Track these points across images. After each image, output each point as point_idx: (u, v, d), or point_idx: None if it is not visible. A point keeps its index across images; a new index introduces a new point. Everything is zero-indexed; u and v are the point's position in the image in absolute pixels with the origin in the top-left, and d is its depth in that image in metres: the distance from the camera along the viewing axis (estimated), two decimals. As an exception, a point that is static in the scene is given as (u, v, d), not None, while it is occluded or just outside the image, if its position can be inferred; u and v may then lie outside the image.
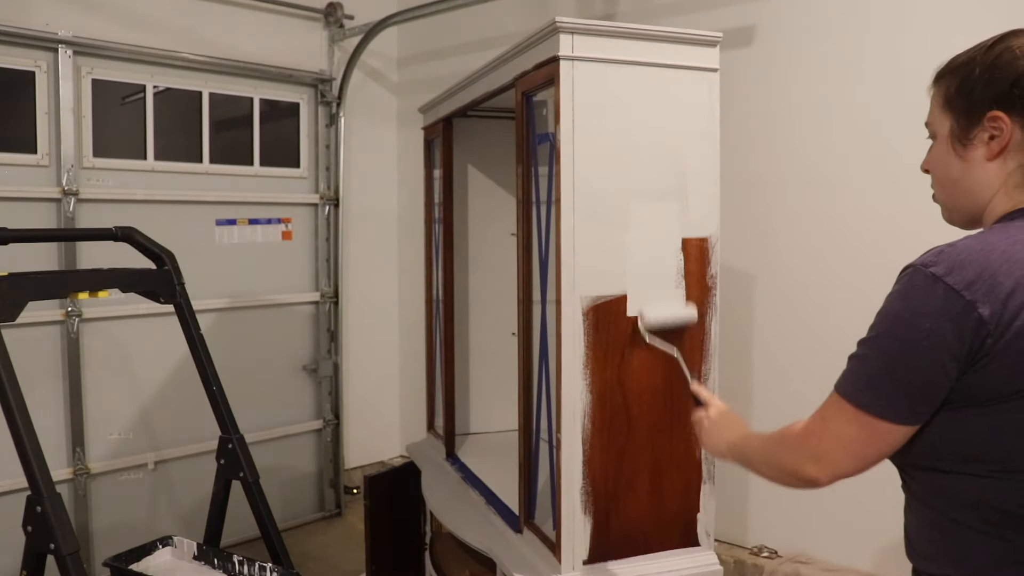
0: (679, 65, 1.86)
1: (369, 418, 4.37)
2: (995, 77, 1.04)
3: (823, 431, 1.07)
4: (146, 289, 2.59)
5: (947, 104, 1.10)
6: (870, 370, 1.02)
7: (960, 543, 1.01)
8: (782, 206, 2.84)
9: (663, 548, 1.92)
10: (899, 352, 0.98)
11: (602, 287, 1.83)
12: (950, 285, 0.94)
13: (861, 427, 1.02)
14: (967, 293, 0.93)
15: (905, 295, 0.99)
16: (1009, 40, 1.06)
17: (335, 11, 4.01)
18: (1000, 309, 0.93)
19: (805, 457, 1.09)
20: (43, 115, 3.13)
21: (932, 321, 0.95)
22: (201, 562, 2.54)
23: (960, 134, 1.08)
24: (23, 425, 2.02)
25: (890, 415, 1.00)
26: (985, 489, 0.98)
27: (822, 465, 1.07)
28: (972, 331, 0.93)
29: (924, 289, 0.96)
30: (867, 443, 1.03)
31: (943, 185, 1.14)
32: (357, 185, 4.22)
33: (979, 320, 0.93)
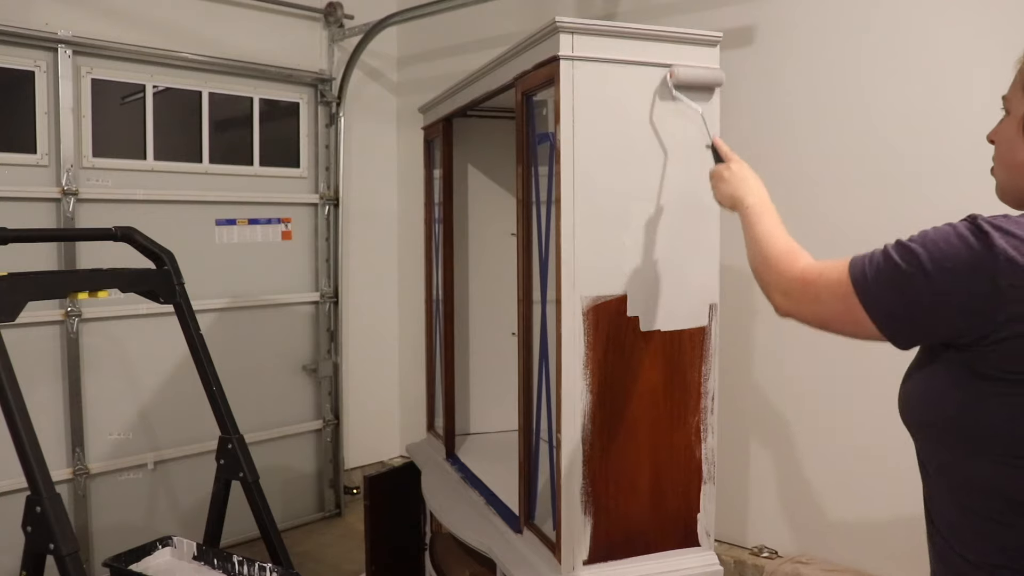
0: (679, 65, 1.86)
1: (369, 418, 4.37)
2: None
3: (814, 283, 1.10)
4: (146, 289, 2.59)
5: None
6: (887, 270, 1.01)
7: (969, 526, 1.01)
8: (782, 206, 2.82)
9: (663, 548, 1.92)
10: (920, 273, 0.98)
11: (602, 287, 1.83)
12: (991, 245, 0.93)
13: (845, 307, 1.04)
14: (1002, 257, 0.92)
15: (953, 232, 0.98)
16: None
17: (335, 11, 4.01)
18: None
19: (783, 287, 1.14)
20: (43, 115, 3.13)
21: (957, 266, 0.95)
22: (201, 562, 2.53)
23: None
24: (23, 425, 2.02)
25: (876, 317, 1.01)
26: (998, 476, 0.97)
27: (789, 303, 1.13)
28: (985, 296, 0.93)
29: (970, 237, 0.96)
30: (840, 320, 1.06)
31: (1004, 164, 1.11)
32: (357, 185, 4.22)
33: (998, 290, 0.92)
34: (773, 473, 2.91)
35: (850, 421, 2.64)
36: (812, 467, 2.79)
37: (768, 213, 1.34)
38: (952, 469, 1.03)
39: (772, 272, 1.18)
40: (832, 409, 2.70)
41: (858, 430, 2.61)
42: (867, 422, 2.58)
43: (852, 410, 2.62)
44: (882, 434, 2.41)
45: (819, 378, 2.73)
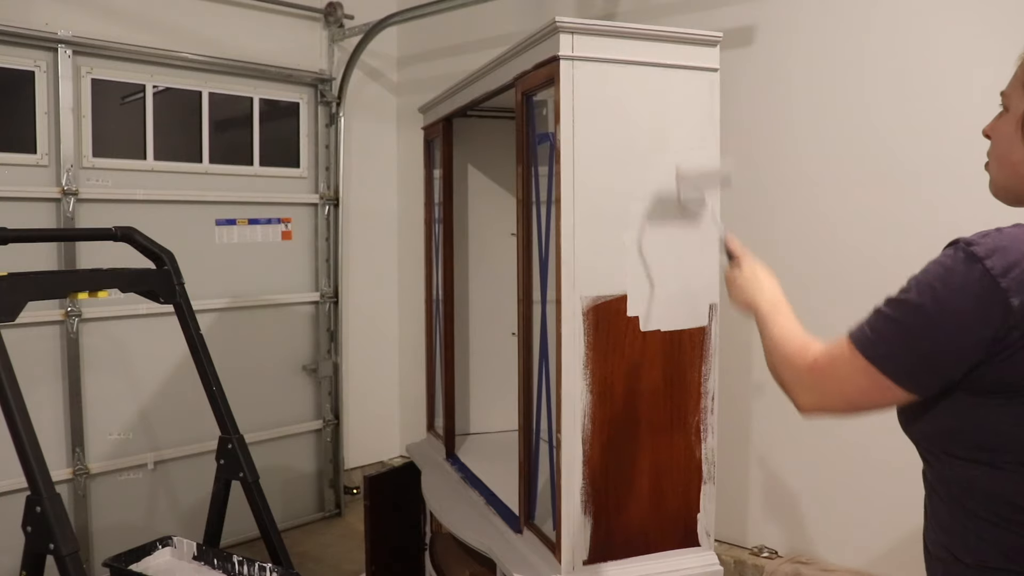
0: (679, 65, 1.86)
1: (369, 418, 4.37)
2: None
3: (829, 370, 1.08)
4: (146, 289, 2.59)
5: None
6: (890, 329, 1.01)
7: (971, 530, 1.01)
8: (782, 206, 2.84)
9: (663, 548, 1.92)
10: (923, 320, 0.97)
11: (602, 287, 1.83)
12: (987, 268, 0.93)
13: (866, 378, 1.02)
14: (1002, 280, 0.92)
15: (942, 268, 0.98)
16: None
17: (335, 11, 4.01)
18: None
19: (802, 384, 1.11)
20: (43, 115, 3.13)
21: (962, 299, 0.94)
22: (201, 562, 2.53)
23: None
24: (23, 425, 2.02)
25: (900, 378, 1.00)
26: (999, 481, 0.97)
27: (814, 398, 1.10)
28: (1000, 318, 0.92)
29: (962, 266, 0.95)
30: (866, 394, 1.04)
31: (1000, 163, 1.10)
32: (357, 185, 4.22)
33: (1008, 308, 0.92)
34: (773, 473, 2.91)
35: (850, 421, 2.64)
36: (812, 467, 2.79)
37: (781, 312, 1.30)
38: (954, 475, 1.03)
39: (789, 371, 1.15)
40: (832, 409, 2.70)
41: (858, 430, 2.61)
42: (867, 422, 2.57)
43: (852, 410, 2.62)
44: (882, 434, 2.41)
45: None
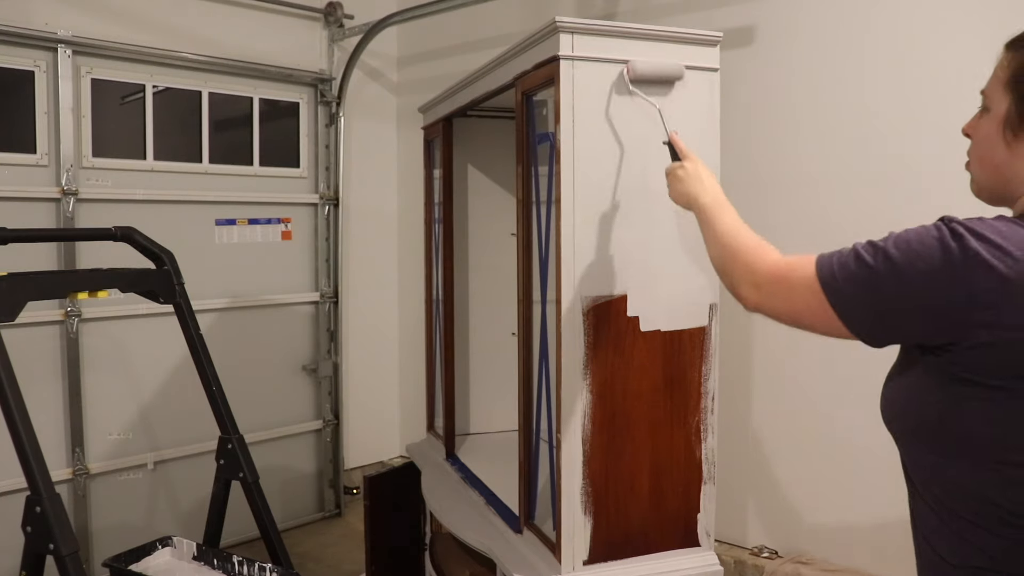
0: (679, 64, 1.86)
1: (369, 418, 4.37)
2: None
3: (783, 278, 1.09)
4: (146, 289, 2.59)
5: (1012, 83, 1.03)
6: (856, 267, 1.01)
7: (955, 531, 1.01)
8: (782, 206, 2.84)
9: (663, 548, 1.92)
10: (890, 269, 0.97)
11: (602, 287, 1.83)
12: (965, 247, 0.92)
13: (817, 304, 1.03)
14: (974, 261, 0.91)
15: (924, 231, 0.97)
16: None
17: (335, 11, 4.01)
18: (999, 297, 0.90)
19: (753, 282, 1.13)
20: (42, 115, 3.13)
21: (931, 268, 0.94)
22: (201, 562, 2.54)
23: (1016, 121, 1.02)
24: (22, 425, 2.02)
25: (848, 318, 1.01)
26: (979, 481, 0.97)
27: (759, 296, 1.13)
28: (964, 294, 0.92)
29: (945, 240, 0.94)
30: (810, 315, 1.05)
31: (981, 163, 1.09)
32: (357, 185, 4.22)
33: (970, 296, 0.91)
34: (773, 473, 2.91)
35: (850, 421, 2.64)
36: (812, 467, 2.79)
37: (726, 210, 1.33)
38: (934, 473, 1.02)
39: (740, 266, 1.17)
40: (832, 409, 2.70)
41: (858, 430, 2.61)
42: (867, 422, 2.57)
43: (852, 410, 2.62)
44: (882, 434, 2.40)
45: (819, 378, 2.73)
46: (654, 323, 1.87)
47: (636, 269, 1.85)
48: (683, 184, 1.43)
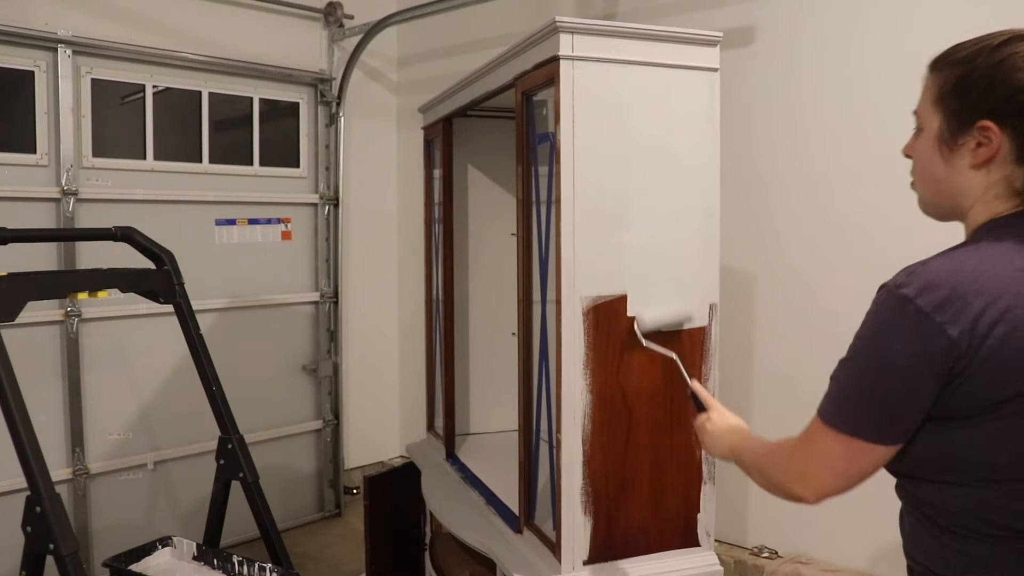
0: (679, 65, 1.86)
1: (369, 418, 4.37)
2: (993, 85, 1.00)
3: (808, 451, 1.08)
4: (146, 289, 2.59)
5: (940, 100, 1.07)
6: (847, 391, 1.03)
7: (947, 545, 1.02)
8: (783, 206, 2.84)
9: (663, 548, 1.92)
10: (874, 372, 0.99)
11: (602, 287, 1.83)
12: (920, 307, 0.95)
13: (843, 447, 1.03)
14: (937, 315, 0.94)
15: (878, 317, 1.00)
16: (1015, 46, 1.01)
17: (335, 11, 4.01)
18: (970, 330, 0.93)
19: (793, 476, 1.11)
20: (42, 115, 3.13)
21: (904, 343, 0.96)
22: (200, 562, 2.53)
23: (948, 137, 1.06)
24: (22, 425, 2.02)
25: (868, 434, 1.01)
26: (969, 498, 0.99)
27: (809, 484, 1.09)
28: (943, 352, 0.94)
29: (896, 311, 0.97)
30: (850, 462, 1.03)
31: (924, 181, 1.13)
32: (357, 185, 4.22)
33: (949, 341, 0.93)
34: (773, 473, 2.91)
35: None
36: (812, 467, 2.79)
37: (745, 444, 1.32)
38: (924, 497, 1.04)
39: (777, 470, 1.16)
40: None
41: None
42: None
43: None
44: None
45: (819, 378, 2.72)
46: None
47: (636, 269, 1.85)
48: (713, 439, 1.43)
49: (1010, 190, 1.03)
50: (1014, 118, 1.00)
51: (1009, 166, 1.02)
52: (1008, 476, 0.96)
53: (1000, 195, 1.03)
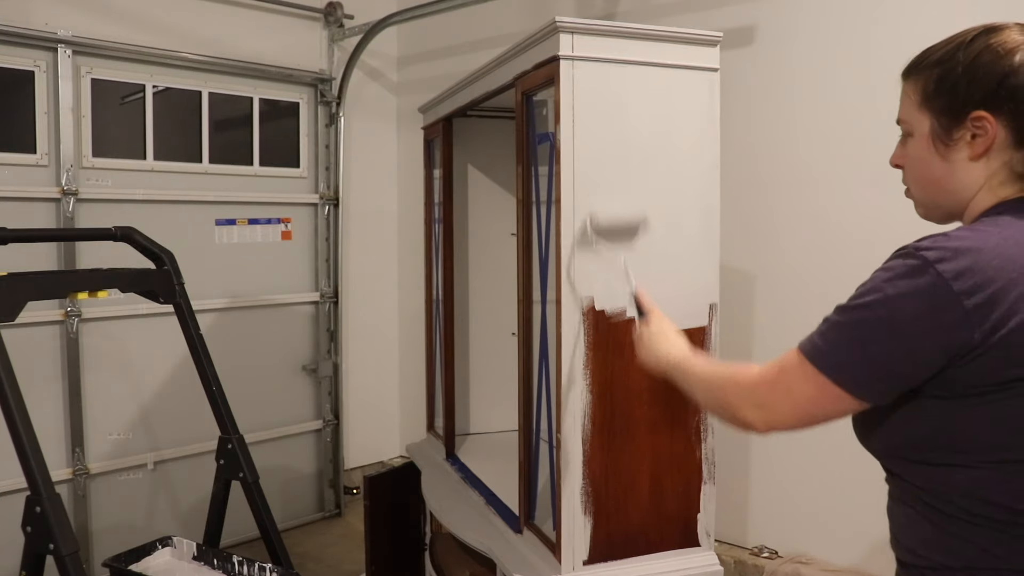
0: (680, 65, 1.86)
1: (369, 418, 4.37)
2: (978, 76, 1.02)
3: (776, 381, 1.06)
4: (146, 289, 2.59)
5: (925, 102, 1.08)
6: (842, 337, 1.00)
7: (952, 534, 1.01)
8: (783, 206, 2.84)
9: (663, 548, 1.92)
10: (876, 328, 0.97)
11: (602, 287, 1.83)
12: (940, 272, 0.93)
13: (817, 388, 1.01)
14: (955, 284, 0.92)
15: (894, 274, 0.97)
16: (989, 37, 1.04)
17: (335, 11, 4.01)
18: (987, 303, 0.91)
19: (750, 402, 1.09)
20: (42, 115, 3.13)
21: (916, 306, 0.94)
22: (200, 562, 2.53)
23: (942, 134, 1.06)
24: (22, 425, 2.02)
25: (851, 386, 0.99)
26: (976, 480, 0.97)
27: (764, 413, 1.08)
28: (956, 323, 0.92)
29: (913, 271, 0.95)
30: (817, 404, 1.02)
31: (922, 184, 1.12)
32: (357, 185, 4.22)
33: (964, 313, 0.92)
34: (773, 473, 2.91)
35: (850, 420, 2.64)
36: (812, 467, 2.79)
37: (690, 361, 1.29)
38: (927, 482, 1.02)
39: (732, 395, 1.13)
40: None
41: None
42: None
43: (852, 410, 2.62)
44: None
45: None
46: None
47: (636, 269, 1.85)
48: (648, 350, 1.41)
49: (1012, 175, 1.03)
50: (1007, 103, 1.01)
51: (1008, 152, 1.03)
52: (1018, 457, 0.95)
53: (1004, 181, 1.04)
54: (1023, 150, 1.02)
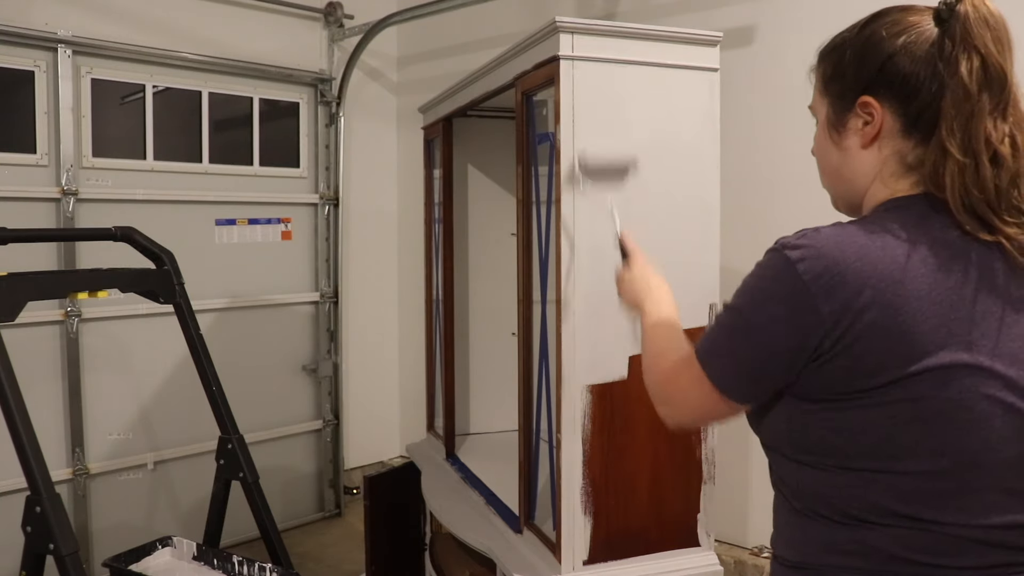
0: (679, 65, 1.86)
1: (369, 418, 4.37)
2: (864, 61, 1.00)
3: (676, 380, 1.08)
4: (146, 289, 2.59)
5: (824, 88, 1.08)
6: (719, 338, 1.01)
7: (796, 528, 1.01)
8: (782, 206, 2.84)
9: (663, 548, 1.92)
10: (742, 329, 0.97)
11: (602, 287, 1.83)
12: (799, 274, 0.91)
13: (701, 390, 1.01)
14: (812, 286, 0.90)
15: (761, 273, 0.97)
16: (878, 20, 1.02)
17: (335, 11, 4.01)
18: (840, 309, 0.89)
19: (660, 398, 1.11)
20: (42, 115, 3.13)
21: (776, 307, 0.93)
22: (200, 562, 2.53)
23: (835, 120, 1.06)
24: (22, 425, 2.02)
25: (723, 387, 0.99)
26: (822, 481, 0.96)
27: (670, 411, 1.10)
28: (810, 326, 0.91)
29: (778, 272, 0.94)
30: (704, 405, 1.03)
31: (825, 172, 1.12)
32: (357, 185, 4.22)
33: (818, 317, 0.90)
34: (773, 473, 2.91)
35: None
36: (812, 467, 2.79)
37: (662, 323, 1.26)
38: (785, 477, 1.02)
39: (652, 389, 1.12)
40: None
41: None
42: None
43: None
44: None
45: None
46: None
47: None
48: (630, 292, 1.39)
49: (904, 165, 0.99)
50: (886, 88, 0.98)
51: (898, 140, 0.99)
52: (862, 466, 0.93)
53: (896, 173, 1.00)
54: (912, 139, 0.98)
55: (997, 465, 0.92)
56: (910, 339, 0.89)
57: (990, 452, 0.91)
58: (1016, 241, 0.92)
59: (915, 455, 0.91)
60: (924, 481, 0.92)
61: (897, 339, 0.89)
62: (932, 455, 0.91)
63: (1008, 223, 0.91)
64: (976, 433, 0.91)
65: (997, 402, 0.91)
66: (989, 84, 0.92)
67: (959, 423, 0.90)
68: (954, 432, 0.90)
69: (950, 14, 0.94)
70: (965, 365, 0.90)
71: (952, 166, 0.92)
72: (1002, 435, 0.91)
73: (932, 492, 0.92)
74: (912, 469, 0.91)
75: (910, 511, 0.92)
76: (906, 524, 0.92)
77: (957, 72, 0.92)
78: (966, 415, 0.90)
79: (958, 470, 0.91)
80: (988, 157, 0.91)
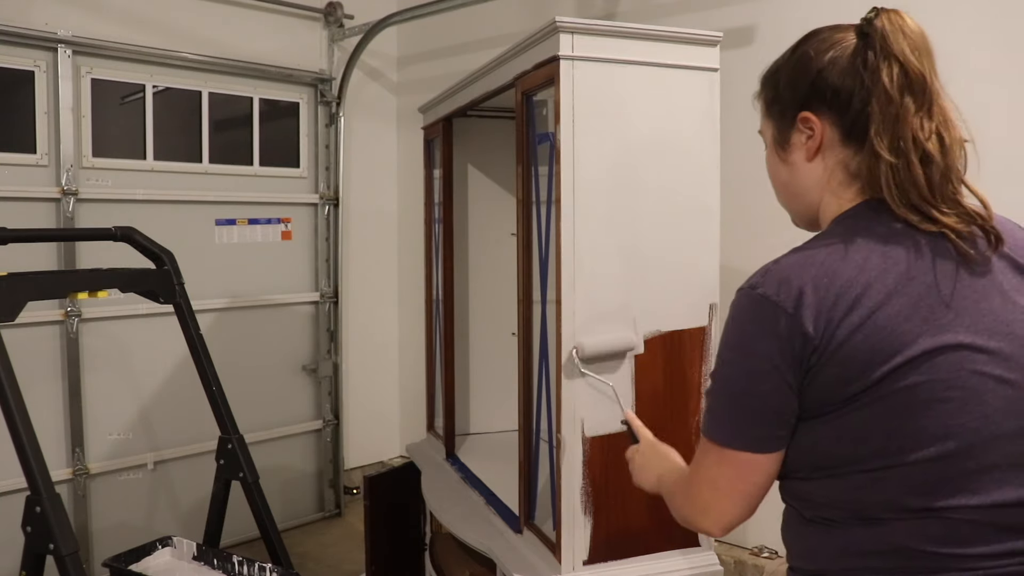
0: (680, 65, 1.86)
1: (369, 418, 4.37)
2: (797, 79, 1.07)
3: (699, 480, 1.07)
4: (146, 289, 2.59)
5: (767, 110, 1.16)
6: (721, 404, 1.02)
7: (810, 537, 1.02)
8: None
9: (663, 548, 1.92)
10: (742, 380, 0.99)
11: (602, 287, 1.83)
12: (776, 303, 0.95)
13: (730, 465, 1.01)
14: (791, 310, 0.94)
15: (737, 320, 1.00)
16: (808, 41, 1.11)
17: (335, 11, 4.01)
18: (823, 323, 0.93)
19: (695, 511, 1.09)
20: (42, 115, 3.13)
21: (765, 343, 0.96)
22: (200, 562, 2.54)
23: (780, 139, 1.12)
24: (22, 425, 2.02)
25: (751, 445, 1.00)
26: (834, 488, 0.98)
27: (710, 517, 1.07)
28: (800, 347, 0.94)
29: (753, 311, 0.97)
30: (741, 480, 1.02)
31: (778, 189, 1.17)
32: (357, 185, 4.22)
33: (804, 336, 0.93)
34: (773, 473, 2.91)
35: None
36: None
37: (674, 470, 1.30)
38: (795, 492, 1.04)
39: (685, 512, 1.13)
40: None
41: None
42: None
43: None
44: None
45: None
46: (654, 323, 1.87)
47: (636, 269, 1.85)
48: (640, 473, 1.43)
49: (848, 174, 1.04)
50: (820, 102, 1.04)
51: (839, 150, 1.05)
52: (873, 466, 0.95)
53: (842, 181, 1.05)
54: (851, 147, 1.03)
55: (1000, 439, 0.94)
56: (889, 333, 0.92)
57: (991, 426, 0.94)
58: (957, 230, 0.96)
59: (920, 444, 0.93)
60: (933, 469, 0.93)
61: (878, 337, 0.92)
62: (937, 440, 0.93)
63: (947, 214, 0.96)
64: (974, 409, 0.93)
65: (987, 376, 0.94)
66: (911, 88, 0.98)
67: (955, 403, 0.93)
68: (953, 413, 0.93)
69: (870, 28, 1.02)
70: (947, 346, 0.93)
71: (885, 167, 0.98)
72: (998, 408, 0.94)
73: (943, 478, 0.94)
74: (921, 458, 0.93)
75: (922, 502, 0.94)
76: (919, 515, 0.94)
77: (880, 80, 0.98)
78: (959, 393, 0.93)
79: (964, 450, 0.93)
80: (918, 156, 0.96)
